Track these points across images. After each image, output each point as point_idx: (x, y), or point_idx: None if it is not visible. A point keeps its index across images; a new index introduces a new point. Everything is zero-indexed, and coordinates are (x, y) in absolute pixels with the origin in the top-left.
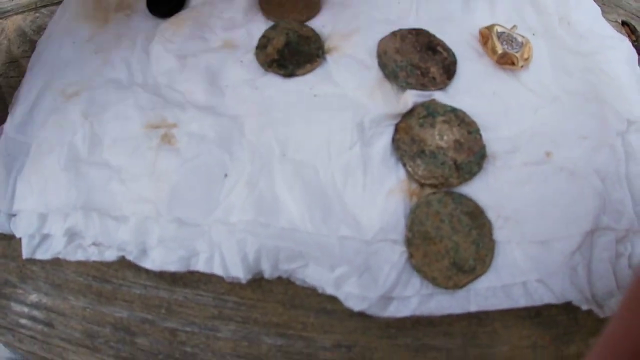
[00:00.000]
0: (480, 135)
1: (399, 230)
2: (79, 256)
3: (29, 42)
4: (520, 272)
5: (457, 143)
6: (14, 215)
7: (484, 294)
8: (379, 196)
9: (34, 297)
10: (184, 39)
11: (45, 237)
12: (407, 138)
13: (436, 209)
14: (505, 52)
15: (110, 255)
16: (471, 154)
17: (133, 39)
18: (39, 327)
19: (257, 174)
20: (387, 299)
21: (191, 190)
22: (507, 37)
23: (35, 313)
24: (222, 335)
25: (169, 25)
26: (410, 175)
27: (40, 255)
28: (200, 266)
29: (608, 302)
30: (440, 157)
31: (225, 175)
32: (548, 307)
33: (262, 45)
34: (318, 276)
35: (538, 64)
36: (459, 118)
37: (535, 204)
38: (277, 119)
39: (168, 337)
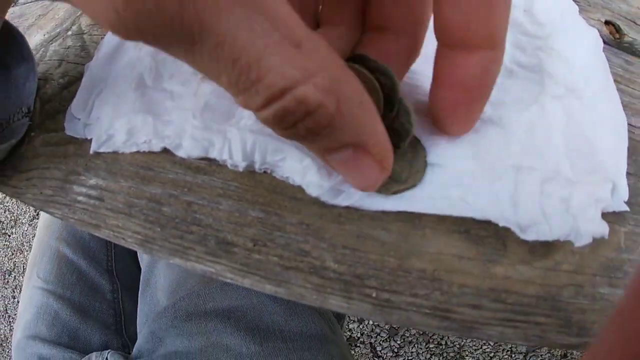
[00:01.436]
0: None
1: None
2: (134, 149)
3: None
4: (446, 189)
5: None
6: (89, 124)
7: (413, 199)
8: None
9: (92, 182)
10: None
11: (110, 137)
12: None
13: None
14: None
15: (156, 146)
16: (407, 114)
17: None
18: (92, 201)
19: None
20: (337, 190)
21: (217, 105)
22: None
23: (91, 192)
24: (222, 207)
25: None
26: None
27: (104, 149)
28: (214, 154)
29: (532, 227)
30: None
31: None
32: (477, 228)
33: None
34: (291, 167)
35: None
36: None
37: (465, 149)
38: None
39: (185, 207)
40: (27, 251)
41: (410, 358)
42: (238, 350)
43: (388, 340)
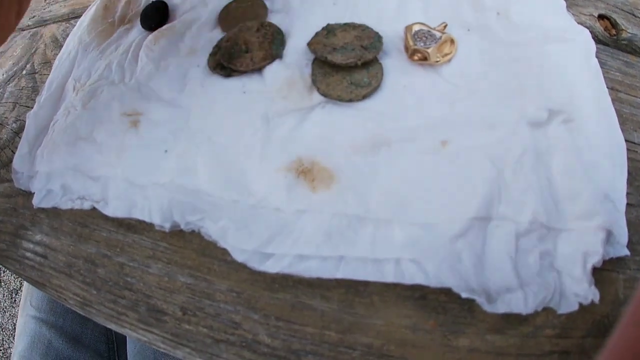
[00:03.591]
0: (370, 28)
1: (280, 199)
2: (69, 205)
3: (60, 47)
4: (394, 249)
5: (357, 37)
6: (32, 177)
7: (354, 264)
8: (270, 171)
9: (38, 237)
10: (161, 47)
11: (49, 192)
12: (319, 47)
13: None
14: (415, 48)
15: (87, 205)
16: (371, 38)
17: (128, 47)
18: (38, 258)
19: (187, 150)
20: (264, 254)
21: (140, 160)
22: (424, 35)
23: (37, 249)
24: (152, 271)
25: (152, 37)
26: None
27: (45, 204)
28: (137, 214)
29: (503, 296)
30: (349, 47)
31: (165, 151)
32: (437, 293)
33: (214, 53)
34: (210, 228)
35: (464, 59)
36: (350, 25)
37: (421, 189)
38: (212, 110)
39: (118, 269)
40: None
41: None
42: None
43: None
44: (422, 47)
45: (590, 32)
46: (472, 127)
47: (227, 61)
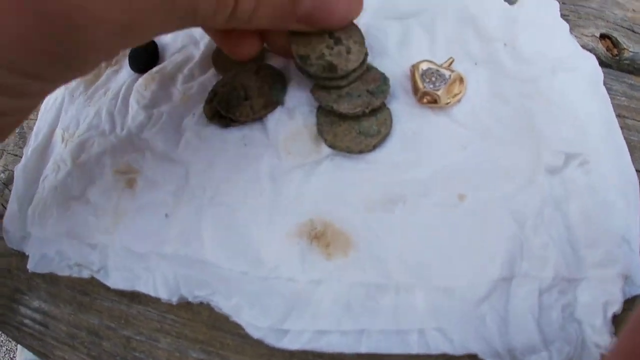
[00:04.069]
0: (374, 68)
1: (293, 269)
2: (66, 273)
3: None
4: (418, 319)
5: (363, 81)
6: (26, 237)
7: (377, 336)
8: (280, 237)
9: (35, 303)
10: (152, 93)
11: (43, 256)
12: (323, 94)
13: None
14: (425, 90)
15: (85, 274)
16: (377, 80)
17: (117, 92)
18: (37, 327)
19: (189, 214)
20: (281, 330)
21: (139, 226)
22: (432, 74)
23: (36, 316)
24: (161, 346)
25: (142, 81)
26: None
27: (39, 269)
28: (141, 287)
29: (529, 358)
30: (354, 93)
31: (166, 215)
32: (461, 358)
33: (209, 100)
34: (222, 304)
35: (474, 96)
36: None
37: (442, 249)
38: (213, 165)
39: (124, 342)
40: None
41: None
42: None
43: None
44: (432, 90)
45: (594, 54)
46: (489, 177)
47: (225, 110)
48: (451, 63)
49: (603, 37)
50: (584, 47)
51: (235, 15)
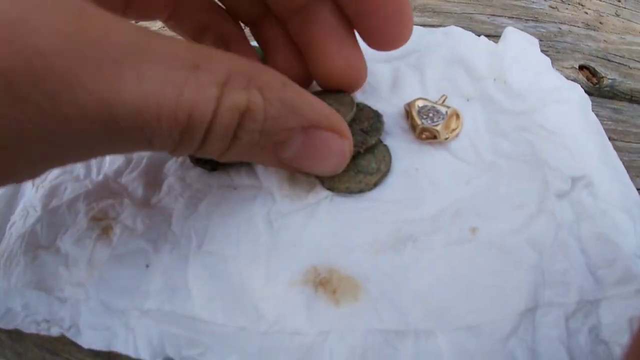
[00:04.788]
0: (368, 106)
1: (299, 321)
2: (32, 329)
3: None
4: None
5: (355, 120)
6: None
7: None
8: (280, 287)
9: None
10: None
11: (8, 310)
12: None
13: None
14: (424, 127)
15: (55, 332)
16: (370, 118)
17: None
18: None
19: (173, 265)
20: None
21: (116, 278)
22: (428, 111)
23: None
24: None
25: None
26: None
27: (4, 325)
28: (119, 347)
29: None
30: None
31: (147, 266)
32: None
33: None
34: None
35: (471, 131)
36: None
37: (460, 287)
38: (200, 212)
39: None
40: None
41: None
42: None
43: None
44: (431, 125)
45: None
46: (498, 208)
47: None
48: (444, 100)
49: (582, 68)
50: (566, 78)
51: (204, 152)
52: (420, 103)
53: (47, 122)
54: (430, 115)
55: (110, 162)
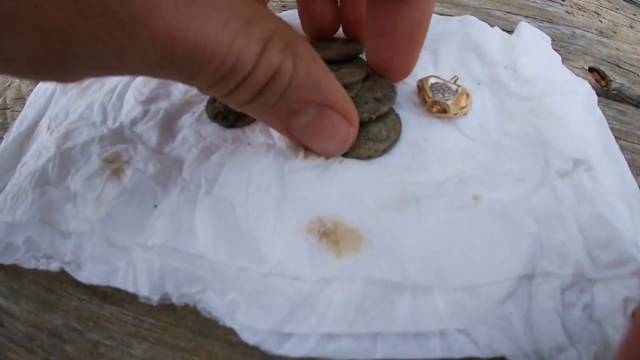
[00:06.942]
0: (382, 78)
1: (300, 266)
2: (32, 265)
3: (36, 82)
4: (439, 320)
5: (369, 89)
6: None
7: (393, 341)
8: (285, 234)
9: None
10: (152, 91)
11: (8, 246)
12: None
13: None
14: (435, 99)
15: (54, 267)
16: (384, 89)
17: (114, 87)
18: None
19: (181, 206)
20: (282, 334)
21: (123, 216)
22: (440, 87)
23: None
24: (135, 353)
25: (142, 78)
26: None
27: (3, 260)
28: (118, 282)
29: (557, 357)
30: (361, 100)
31: (155, 206)
32: None
33: (212, 100)
34: (213, 303)
35: (480, 112)
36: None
37: (460, 249)
38: (212, 162)
39: (91, 347)
40: None
41: None
42: None
43: None
44: (442, 99)
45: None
46: (501, 181)
47: (229, 109)
48: (456, 80)
49: (591, 70)
50: None
51: (230, 98)
52: (432, 80)
53: (118, 35)
54: (442, 91)
55: (127, 112)
